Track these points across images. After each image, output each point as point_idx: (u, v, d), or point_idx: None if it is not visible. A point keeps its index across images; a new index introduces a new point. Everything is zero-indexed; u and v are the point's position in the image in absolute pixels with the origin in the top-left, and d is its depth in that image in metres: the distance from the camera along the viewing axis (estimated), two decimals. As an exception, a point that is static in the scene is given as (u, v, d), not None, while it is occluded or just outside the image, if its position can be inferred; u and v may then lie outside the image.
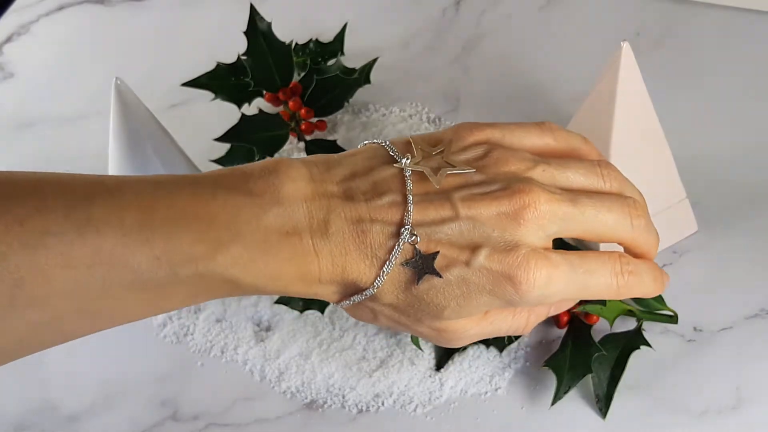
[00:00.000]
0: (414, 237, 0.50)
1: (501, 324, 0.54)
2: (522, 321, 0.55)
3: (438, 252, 0.50)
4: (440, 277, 0.50)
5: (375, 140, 0.54)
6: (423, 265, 0.51)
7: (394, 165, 0.52)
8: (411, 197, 0.51)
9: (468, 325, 0.53)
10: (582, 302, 0.66)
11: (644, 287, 0.54)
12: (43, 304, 0.46)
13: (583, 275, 0.52)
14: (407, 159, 0.51)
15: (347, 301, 0.53)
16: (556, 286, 0.51)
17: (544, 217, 0.50)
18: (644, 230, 0.54)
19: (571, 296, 0.53)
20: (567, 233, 0.52)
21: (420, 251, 0.50)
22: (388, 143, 0.53)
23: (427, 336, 0.54)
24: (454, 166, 0.51)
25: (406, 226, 0.50)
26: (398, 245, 0.50)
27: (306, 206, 0.50)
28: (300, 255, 0.50)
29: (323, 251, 0.50)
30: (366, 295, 0.52)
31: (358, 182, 0.51)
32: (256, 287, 0.50)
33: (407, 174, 0.51)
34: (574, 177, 0.53)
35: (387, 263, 0.51)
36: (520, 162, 0.52)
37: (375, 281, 0.51)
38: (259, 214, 0.49)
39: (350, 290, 0.52)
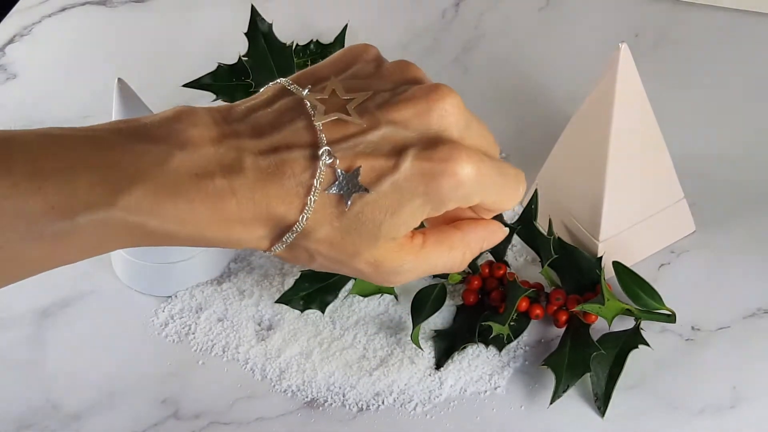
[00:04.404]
0: (332, 159, 0.49)
1: (437, 260, 0.54)
2: (458, 257, 0.54)
3: (360, 167, 0.49)
4: (368, 191, 0.49)
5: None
6: (348, 185, 0.49)
7: (294, 96, 0.50)
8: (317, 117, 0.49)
9: (404, 258, 0.52)
10: (581, 302, 0.66)
11: None
12: None
13: (500, 177, 0.52)
14: (306, 90, 0.50)
15: (279, 245, 0.50)
16: (484, 180, 0.51)
17: (457, 112, 0.51)
18: None
19: (489, 199, 0.52)
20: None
21: (342, 171, 0.49)
22: (281, 80, 0.51)
23: (365, 274, 0.53)
24: (351, 94, 0.50)
25: (324, 147, 0.48)
26: (320, 169, 0.48)
27: (214, 148, 0.48)
28: (213, 195, 0.47)
29: (241, 189, 0.48)
30: (296, 230, 0.50)
31: (261, 114, 0.50)
32: (166, 233, 0.48)
33: (307, 102, 0.50)
34: None
35: (312, 190, 0.49)
36: (416, 68, 0.52)
37: (303, 212, 0.49)
38: (164, 157, 0.47)
39: (278, 230, 0.50)
